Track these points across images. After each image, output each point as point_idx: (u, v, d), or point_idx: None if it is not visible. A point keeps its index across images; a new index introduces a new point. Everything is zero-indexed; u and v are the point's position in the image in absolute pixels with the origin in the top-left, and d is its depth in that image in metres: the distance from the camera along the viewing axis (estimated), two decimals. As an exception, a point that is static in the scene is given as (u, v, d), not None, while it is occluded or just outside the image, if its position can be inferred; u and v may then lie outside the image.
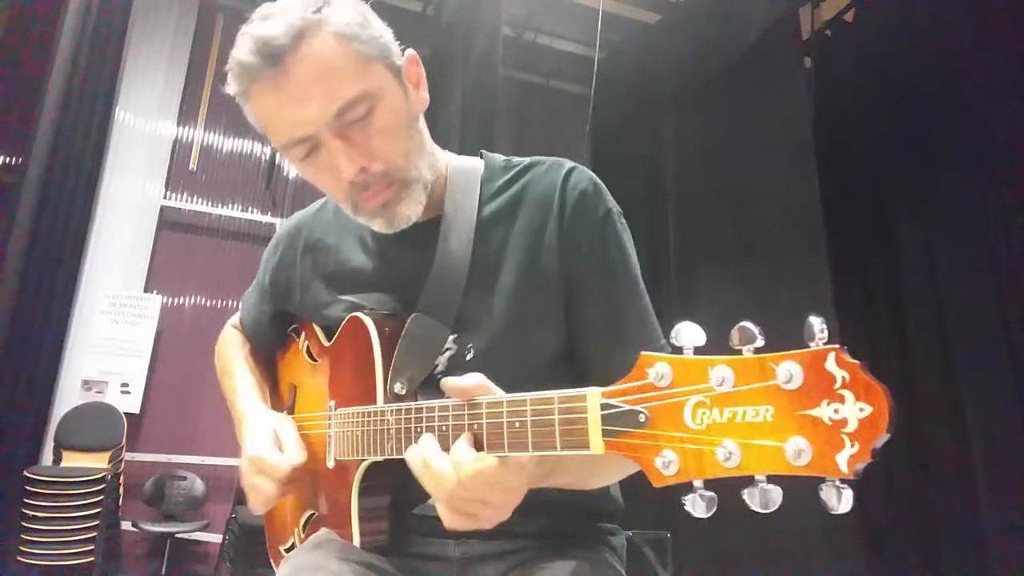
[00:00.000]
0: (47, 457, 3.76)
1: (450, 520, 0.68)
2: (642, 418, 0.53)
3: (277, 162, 4.72)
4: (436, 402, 0.73)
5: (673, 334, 0.53)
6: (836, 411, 0.44)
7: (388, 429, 0.78)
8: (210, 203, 4.60)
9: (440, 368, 0.88)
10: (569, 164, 0.94)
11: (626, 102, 4.51)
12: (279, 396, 1.13)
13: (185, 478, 4.01)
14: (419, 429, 0.73)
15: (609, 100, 4.36)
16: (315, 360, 1.03)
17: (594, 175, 0.94)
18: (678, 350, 0.53)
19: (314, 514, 0.97)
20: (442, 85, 3.96)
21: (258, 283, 1.13)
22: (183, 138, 4.62)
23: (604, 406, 0.55)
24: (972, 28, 3.17)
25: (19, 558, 3.30)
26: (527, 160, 0.97)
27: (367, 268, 0.96)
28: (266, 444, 0.91)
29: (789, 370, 0.46)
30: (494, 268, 0.89)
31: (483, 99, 3.69)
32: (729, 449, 0.47)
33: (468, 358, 0.88)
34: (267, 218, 4.71)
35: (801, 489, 0.49)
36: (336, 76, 0.77)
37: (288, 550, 1.04)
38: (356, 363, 0.88)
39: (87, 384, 4.02)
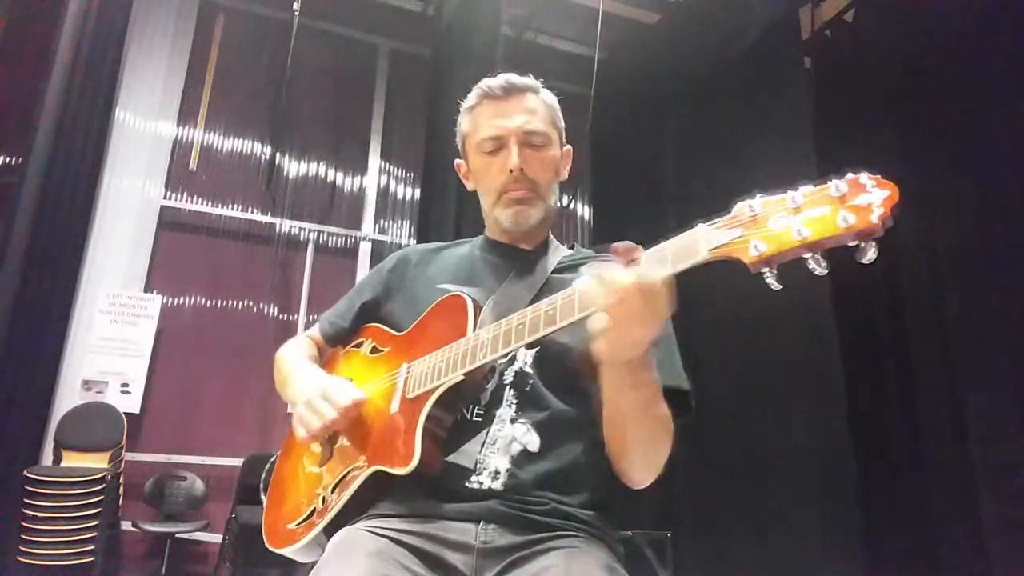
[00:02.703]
0: (47, 457, 3.75)
1: (603, 336, 0.81)
2: (739, 232, 0.77)
3: (277, 162, 4.72)
4: (529, 307, 0.93)
5: (755, 197, 0.79)
6: (868, 197, 0.71)
7: (483, 342, 0.96)
8: (210, 203, 4.60)
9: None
10: None
11: (626, 102, 4.51)
12: None
13: (185, 478, 4.01)
14: (520, 326, 0.92)
15: (609, 100, 4.36)
16: (380, 351, 1.17)
17: None
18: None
19: (353, 467, 1.02)
20: (442, 85, 3.96)
21: (362, 283, 1.32)
22: (183, 138, 4.62)
23: (708, 231, 0.79)
24: (972, 28, 3.17)
25: (19, 558, 3.29)
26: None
27: (465, 272, 1.20)
28: (335, 381, 1.08)
29: (837, 184, 0.73)
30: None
31: (483, 99, 3.69)
32: (799, 227, 0.72)
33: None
34: (267, 218, 4.71)
35: (804, 483, 0.50)
36: (536, 115, 1.19)
37: (301, 523, 1.05)
38: (446, 327, 1.04)
39: (87, 384, 4.02)
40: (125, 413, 3.95)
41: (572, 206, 5.33)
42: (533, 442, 0.99)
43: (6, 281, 3.67)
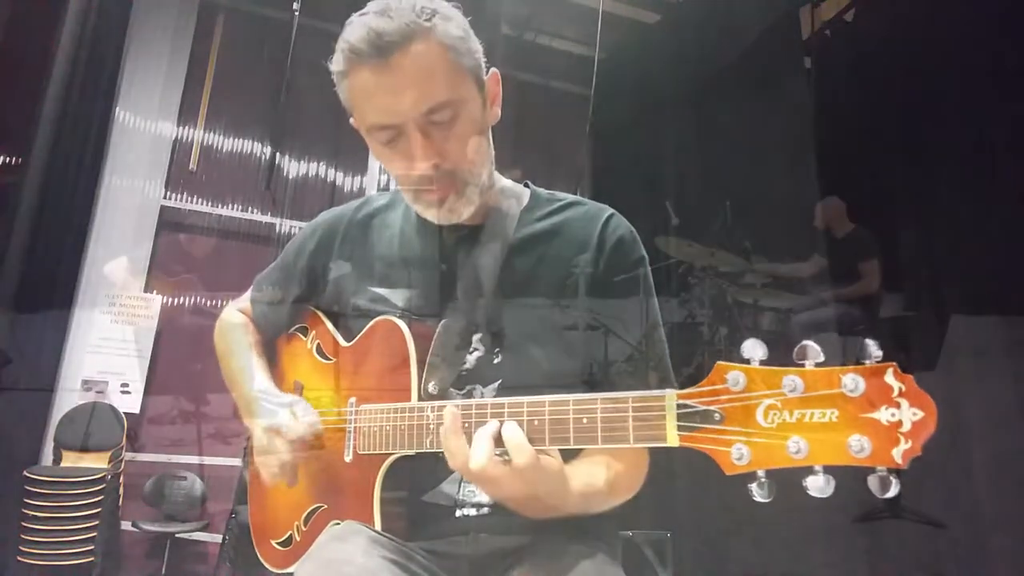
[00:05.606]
0: (47, 457, 3.75)
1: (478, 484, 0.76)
2: (717, 416, 0.61)
3: (277, 162, 4.72)
4: (487, 400, 0.79)
5: (742, 349, 0.61)
6: (893, 415, 0.54)
7: (428, 424, 0.84)
8: (210, 203, 4.60)
9: (468, 366, 0.95)
10: (609, 210, 1.05)
11: (626, 102, 4.51)
12: (282, 390, 1.14)
13: (185, 478, 4.00)
14: (466, 424, 0.78)
15: (609, 100, 4.36)
16: (327, 359, 1.06)
17: (630, 225, 1.05)
18: (745, 361, 0.61)
19: (320, 507, 0.98)
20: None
21: (284, 265, 1.19)
22: (183, 138, 4.61)
23: (680, 405, 0.64)
24: (971, 28, 3.17)
25: (19, 558, 3.29)
26: (570, 198, 1.08)
27: (400, 263, 1.03)
28: (282, 414, 0.97)
29: (854, 380, 0.55)
30: (523, 286, 0.98)
31: (483, 99, 3.69)
32: (799, 444, 0.56)
33: (496, 361, 0.96)
34: (267, 218, 4.71)
35: (801, 488, 0.51)
36: (433, 80, 0.86)
37: (282, 543, 1.04)
38: (386, 364, 0.94)
39: (87, 384, 4.02)
40: (125, 413, 3.95)
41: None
42: None
43: (6, 281, 3.67)
